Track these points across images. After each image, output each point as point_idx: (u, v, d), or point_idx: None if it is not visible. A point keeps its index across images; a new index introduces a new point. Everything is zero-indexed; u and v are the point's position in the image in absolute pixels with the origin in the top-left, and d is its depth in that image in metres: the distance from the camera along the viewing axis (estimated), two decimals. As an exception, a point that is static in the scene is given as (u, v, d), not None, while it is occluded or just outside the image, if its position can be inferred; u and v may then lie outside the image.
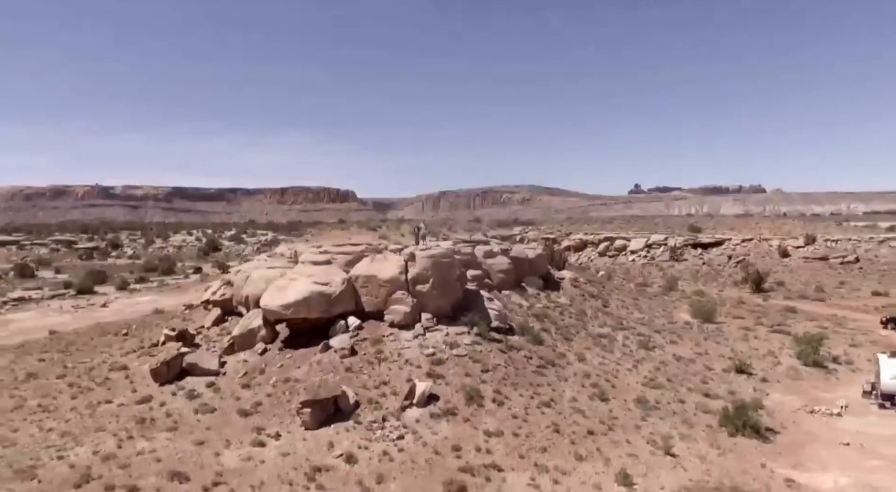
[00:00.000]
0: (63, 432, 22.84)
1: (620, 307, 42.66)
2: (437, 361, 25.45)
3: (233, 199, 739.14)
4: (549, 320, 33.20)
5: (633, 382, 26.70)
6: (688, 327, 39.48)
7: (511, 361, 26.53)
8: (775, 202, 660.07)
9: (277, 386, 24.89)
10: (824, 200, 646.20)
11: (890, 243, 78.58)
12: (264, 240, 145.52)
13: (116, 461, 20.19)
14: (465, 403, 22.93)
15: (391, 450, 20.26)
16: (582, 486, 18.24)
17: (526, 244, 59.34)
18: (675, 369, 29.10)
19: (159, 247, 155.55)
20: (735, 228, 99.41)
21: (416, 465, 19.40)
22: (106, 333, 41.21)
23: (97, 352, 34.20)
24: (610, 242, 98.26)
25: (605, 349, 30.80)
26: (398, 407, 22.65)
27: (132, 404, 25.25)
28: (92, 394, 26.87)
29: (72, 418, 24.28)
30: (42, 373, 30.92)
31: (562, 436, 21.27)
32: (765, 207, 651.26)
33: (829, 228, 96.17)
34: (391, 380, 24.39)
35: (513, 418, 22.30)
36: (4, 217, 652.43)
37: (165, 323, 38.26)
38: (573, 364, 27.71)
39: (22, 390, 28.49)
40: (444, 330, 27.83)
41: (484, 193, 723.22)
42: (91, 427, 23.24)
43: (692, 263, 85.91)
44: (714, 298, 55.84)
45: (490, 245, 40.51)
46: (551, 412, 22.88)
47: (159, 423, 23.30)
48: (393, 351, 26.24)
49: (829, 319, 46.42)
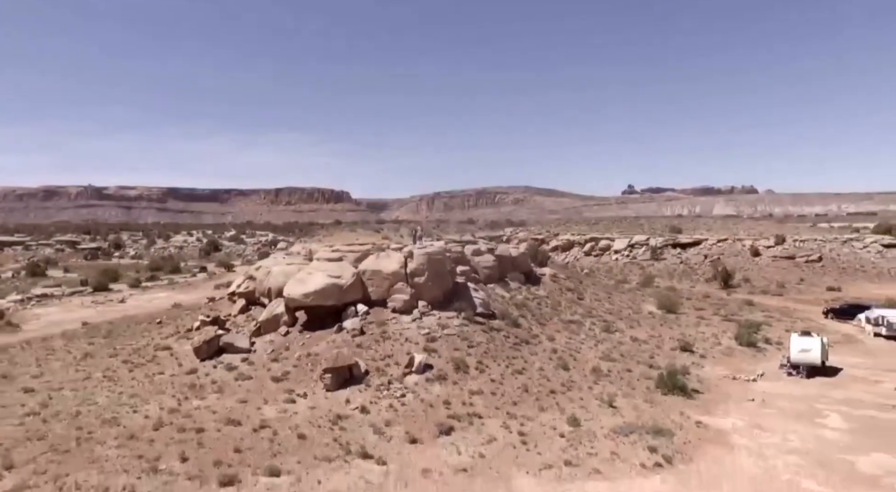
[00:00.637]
0: (131, 395, 28.63)
1: (593, 300, 48.66)
2: (431, 338, 31.38)
3: (227, 199, 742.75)
4: (526, 309, 39.21)
5: (592, 356, 32.72)
6: (650, 317, 45.53)
7: (492, 339, 32.51)
8: (766, 203, 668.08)
9: (301, 359, 30.74)
10: (814, 201, 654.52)
11: (852, 244, 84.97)
12: (264, 240, 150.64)
13: (180, 413, 26.00)
14: (454, 370, 28.87)
15: (395, 404, 26.15)
16: (541, 427, 24.17)
17: (510, 244, 65.24)
18: (629, 348, 35.15)
19: (161, 247, 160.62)
20: (713, 229, 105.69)
21: (414, 413, 25.31)
22: (138, 322, 46.89)
23: (138, 336, 39.96)
24: (595, 243, 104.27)
25: (572, 332, 36.82)
26: (400, 374, 28.55)
27: (181, 374, 31.05)
28: (145, 368, 32.65)
29: (134, 385, 30.07)
30: (96, 353, 36.66)
31: (529, 394, 27.25)
32: (756, 207, 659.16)
33: (800, 230, 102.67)
34: (394, 354, 30.29)
35: (491, 381, 28.26)
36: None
37: (193, 313, 44.00)
38: (543, 343, 33.72)
39: (84, 366, 34.23)
40: (437, 314, 33.76)
41: (478, 193, 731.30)
42: (152, 391, 29.04)
43: (671, 261, 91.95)
44: (682, 292, 61.93)
45: (477, 245, 46.49)
46: (522, 378, 28.85)
47: (207, 388, 29.10)
48: (395, 331, 32.15)
49: (780, 310, 52.58)
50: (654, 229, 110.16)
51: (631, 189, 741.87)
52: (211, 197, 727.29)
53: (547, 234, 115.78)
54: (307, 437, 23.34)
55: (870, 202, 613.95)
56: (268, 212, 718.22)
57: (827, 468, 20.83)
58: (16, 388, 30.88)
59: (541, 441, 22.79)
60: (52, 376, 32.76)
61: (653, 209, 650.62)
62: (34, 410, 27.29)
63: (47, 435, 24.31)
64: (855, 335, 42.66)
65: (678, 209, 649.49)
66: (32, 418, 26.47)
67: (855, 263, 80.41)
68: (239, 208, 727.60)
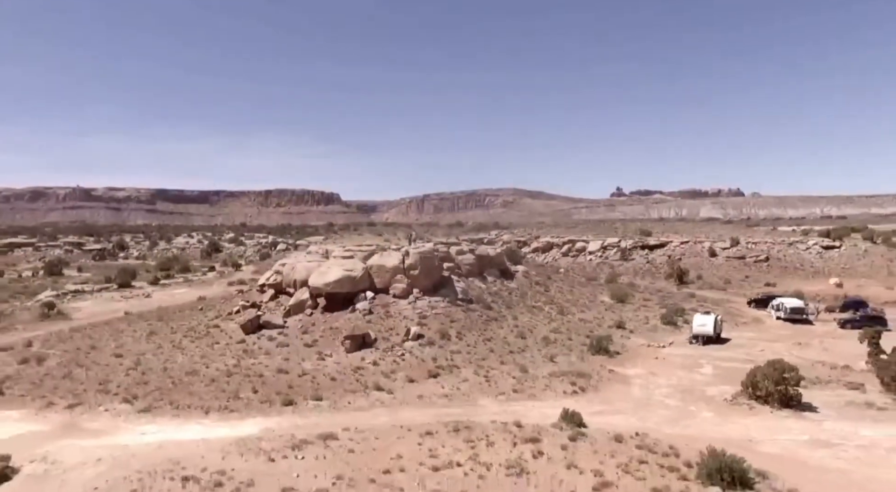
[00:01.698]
0: (201, 356, 39.07)
1: (557, 292, 59.55)
2: (422, 316, 42.11)
3: (216, 201, 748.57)
4: (499, 296, 50.06)
5: (545, 330, 43.60)
6: (601, 304, 56.52)
7: (469, 317, 43.31)
8: (751, 206, 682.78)
9: (325, 332, 41.34)
10: (798, 204, 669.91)
11: (797, 246, 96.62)
12: (263, 242, 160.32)
13: (241, 368, 36.50)
14: (440, 338, 39.59)
15: (398, 360, 36.82)
16: (500, 373, 34.89)
17: (493, 246, 76.03)
18: (576, 325, 46.08)
19: (163, 249, 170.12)
20: (679, 231, 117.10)
21: (411, 365, 36.00)
22: (180, 310, 57.09)
23: (188, 319, 50.26)
24: (572, 244, 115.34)
25: (533, 314, 47.71)
26: (400, 340, 39.23)
27: (234, 344, 41.50)
28: (203, 340, 43.06)
29: (200, 351, 40.47)
30: (159, 331, 46.97)
31: (494, 354, 38.03)
32: (741, 210, 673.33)
33: (755, 232, 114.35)
34: (395, 327, 40.98)
35: (467, 345, 39.03)
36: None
37: (227, 302, 54.34)
38: (508, 321, 44.57)
39: (153, 340, 44.53)
40: (428, 299, 44.48)
41: (467, 195, 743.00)
42: (215, 355, 39.48)
43: (638, 262, 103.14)
44: (640, 287, 72.95)
45: (461, 246, 57.34)
46: (490, 344, 39.67)
47: (256, 352, 39.60)
48: (395, 311, 42.87)
49: (714, 301, 63.76)
50: (626, 232, 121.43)
51: (619, 192, 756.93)
52: (200, 198, 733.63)
53: (529, 236, 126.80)
54: (336, 379, 34.00)
55: (851, 205, 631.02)
56: (258, 214, 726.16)
57: (687, 394, 31.72)
58: (107, 355, 41.21)
59: (499, 381, 33.56)
60: (131, 347, 43.09)
61: (640, 212, 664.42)
62: (131, 367, 37.69)
63: (149, 381, 34.74)
64: (762, 318, 53.90)
65: (665, 212, 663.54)
66: (132, 372, 36.87)
67: (796, 262, 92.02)
68: (229, 210, 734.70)
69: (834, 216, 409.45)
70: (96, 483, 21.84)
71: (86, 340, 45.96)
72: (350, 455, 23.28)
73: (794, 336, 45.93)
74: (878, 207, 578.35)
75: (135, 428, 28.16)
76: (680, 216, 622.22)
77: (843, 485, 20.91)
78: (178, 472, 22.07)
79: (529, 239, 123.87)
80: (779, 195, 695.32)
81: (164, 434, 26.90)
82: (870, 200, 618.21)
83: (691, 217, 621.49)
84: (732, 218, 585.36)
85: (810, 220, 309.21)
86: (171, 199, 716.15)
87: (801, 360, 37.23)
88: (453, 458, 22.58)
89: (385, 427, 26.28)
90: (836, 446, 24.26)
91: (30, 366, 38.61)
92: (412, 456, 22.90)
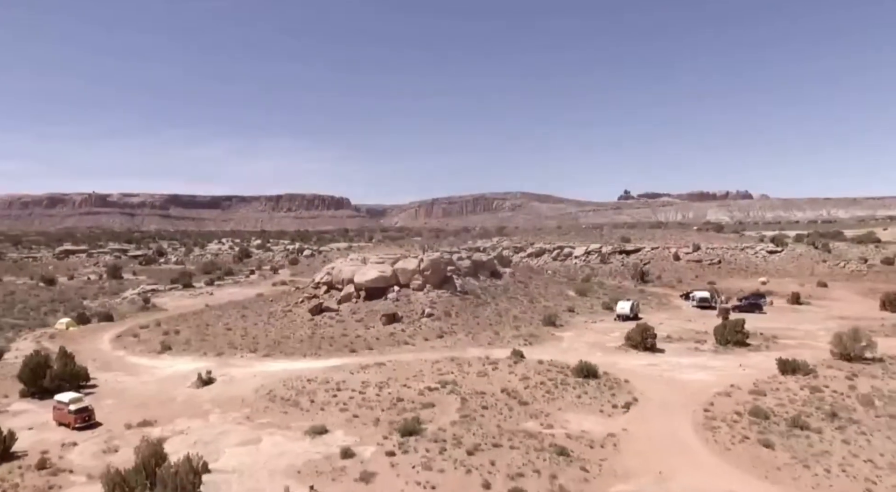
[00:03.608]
0: (287, 328, 60.77)
1: (534, 288, 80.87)
2: (433, 302, 63.68)
3: (228, 206, 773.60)
4: (487, 290, 71.56)
5: (516, 311, 65.07)
6: (566, 297, 77.69)
7: (464, 303, 64.87)
8: (758, 208, 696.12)
9: (367, 313, 63.00)
10: (805, 206, 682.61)
11: (746, 251, 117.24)
12: (290, 249, 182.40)
13: (316, 334, 58.26)
14: (444, 316, 61.16)
15: (416, 329, 58.52)
16: (482, 335, 56.39)
17: (484, 253, 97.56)
18: (540, 309, 67.43)
19: (199, 254, 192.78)
20: (654, 238, 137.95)
21: (425, 332, 57.64)
22: (249, 303, 78.76)
23: (265, 308, 71.93)
24: (560, 250, 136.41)
25: (510, 302, 69.17)
26: (417, 317, 60.84)
27: (306, 321, 63.22)
28: (283, 320, 64.78)
29: (284, 326, 62.17)
30: (248, 315, 68.69)
31: (479, 326, 59.58)
32: (748, 212, 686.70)
33: (716, 239, 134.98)
34: (414, 309, 62.61)
35: (462, 320, 60.67)
36: (2, 225, 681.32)
37: (288, 295, 76.07)
38: (492, 306, 66.09)
39: (246, 321, 66.21)
40: (436, 292, 66.00)
41: (475, 199, 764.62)
42: (296, 327, 61.22)
43: (615, 265, 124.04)
44: (607, 285, 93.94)
45: (460, 254, 78.86)
46: (477, 319, 61.28)
47: (323, 325, 61.32)
48: (414, 299, 64.47)
49: (657, 295, 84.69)
50: (609, 239, 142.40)
51: (627, 194, 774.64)
52: (212, 204, 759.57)
53: (525, 243, 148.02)
54: (379, 339, 55.68)
55: (857, 207, 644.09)
56: (269, 219, 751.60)
57: (594, 346, 52.92)
58: (220, 329, 63.05)
59: (480, 339, 55.05)
60: (233, 324, 64.79)
61: (646, 215, 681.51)
62: (242, 335, 59.47)
63: (259, 342, 56.47)
64: (682, 307, 74.85)
65: (671, 215, 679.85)
66: (244, 338, 58.61)
67: (743, 264, 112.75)
68: (240, 215, 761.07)
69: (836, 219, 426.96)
70: (261, 383, 43.36)
71: (197, 321, 67.86)
72: (393, 371, 44.72)
73: (692, 317, 66.96)
74: (885, 208, 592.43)
75: (263, 363, 49.80)
76: (686, 219, 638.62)
77: (647, 376, 42.02)
78: (303, 377, 43.60)
79: (525, 245, 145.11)
80: (786, 198, 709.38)
81: (283, 365, 48.49)
82: (876, 202, 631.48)
83: (697, 220, 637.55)
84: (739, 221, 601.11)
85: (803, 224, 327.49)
86: (183, 204, 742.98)
87: (680, 328, 58.46)
88: (450, 371, 43.98)
89: (411, 359, 47.83)
90: (659, 365, 45.44)
91: (171, 336, 60.50)
92: (427, 371, 44.30)
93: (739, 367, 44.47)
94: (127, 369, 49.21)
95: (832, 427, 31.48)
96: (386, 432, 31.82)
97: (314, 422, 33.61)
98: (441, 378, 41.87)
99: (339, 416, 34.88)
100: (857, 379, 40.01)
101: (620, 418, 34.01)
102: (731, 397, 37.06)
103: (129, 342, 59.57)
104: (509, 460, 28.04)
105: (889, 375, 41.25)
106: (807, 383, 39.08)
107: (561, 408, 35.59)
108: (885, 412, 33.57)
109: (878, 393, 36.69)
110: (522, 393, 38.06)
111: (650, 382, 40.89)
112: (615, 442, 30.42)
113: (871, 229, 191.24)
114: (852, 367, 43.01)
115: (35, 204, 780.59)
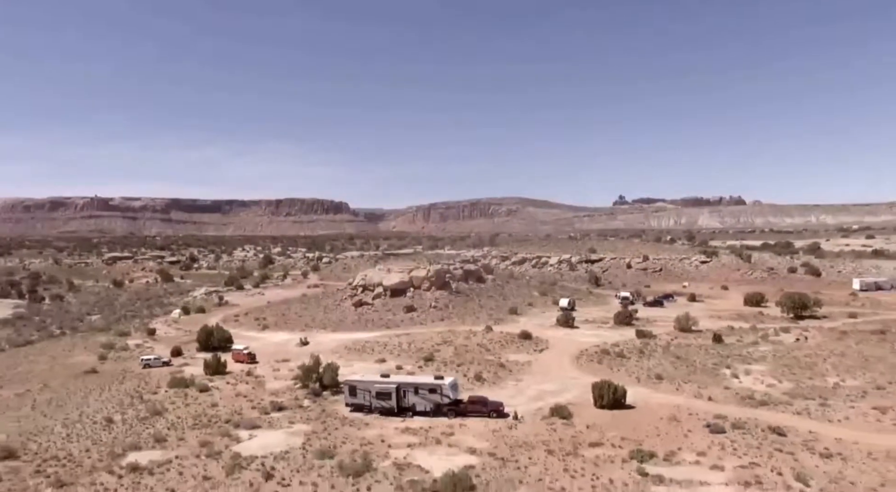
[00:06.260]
0: (340, 316, 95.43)
1: (508, 289, 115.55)
2: (436, 299, 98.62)
3: (228, 210, 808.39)
4: (474, 291, 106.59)
5: (492, 305, 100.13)
6: (530, 295, 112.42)
7: (458, 299, 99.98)
8: (749, 214, 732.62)
9: (393, 306, 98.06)
10: (794, 212, 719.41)
11: (684, 261, 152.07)
12: (310, 256, 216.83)
13: (361, 319, 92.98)
14: (444, 307, 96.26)
15: (427, 316, 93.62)
16: (469, 320, 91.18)
17: (474, 263, 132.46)
18: (509, 303, 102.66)
19: (227, 260, 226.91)
20: (615, 249, 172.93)
21: (432, 317, 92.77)
22: (300, 301, 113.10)
23: (318, 303, 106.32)
24: (538, 259, 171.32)
25: (489, 299, 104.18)
26: (427, 308, 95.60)
27: (352, 311, 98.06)
28: (335, 311, 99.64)
29: (336, 315, 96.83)
30: (309, 307, 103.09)
31: (468, 314, 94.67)
32: (738, 218, 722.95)
33: (662, 249, 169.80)
34: (425, 302, 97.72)
35: (456, 311, 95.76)
36: (4, 228, 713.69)
37: (334, 294, 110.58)
38: (477, 302, 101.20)
39: (308, 311, 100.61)
40: (439, 292, 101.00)
41: (472, 204, 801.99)
42: (346, 315, 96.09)
43: (580, 272, 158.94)
44: (567, 288, 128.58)
45: (456, 265, 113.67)
46: (466, 310, 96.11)
47: (364, 314, 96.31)
48: (424, 297, 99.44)
49: (601, 295, 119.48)
50: (580, 250, 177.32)
51: (622, 200, 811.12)
52: (213, 208, 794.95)
53: (510, 252, 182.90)
54: (403, 321, 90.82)
55: (845, 214, 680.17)
56: (269, 223, 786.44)
57: (539, 326, 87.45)
58: (293, 317, 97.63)
59: (467, 321, 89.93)
60: (302, 314, 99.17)
61: (639, 220, 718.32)
62: (312, 318, 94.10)
63: (326, 324, 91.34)
64: (612, 303, 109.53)
65: (664, 221, 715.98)
66: (315, 320, 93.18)
67: (679, 272, 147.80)
68: (240, 219, 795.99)
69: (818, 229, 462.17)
70: (337, 344, 77.89)
71: (273, 312, 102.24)
72: (413, 339, 79.33)
73: (613, 309, 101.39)
74: (872, 215, 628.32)
75: (334, 335, 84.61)
76: (678, 225, 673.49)
77: (560, 339, 76.51)
78: (361, 341, 78.29)
79: (510, 255, 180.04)
80: (777, 204, 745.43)
81: (346, 336, 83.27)
82: (864, 209, 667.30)
83: (689, 225, 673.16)
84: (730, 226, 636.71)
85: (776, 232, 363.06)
86: (184, 208, 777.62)
87: (599, 315, 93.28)
88: (447, 336, 78.47)
89: (424, 331, 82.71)
90: (571, 334, 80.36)
91: (262, 320, 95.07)
92: (434, 336, 78.87)
93: (619, 335, 78.96)
94: (246, 339, 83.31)
95: (637, 357, 65.87)
96: (415, 360, 66.16)
97: (378, 356, 68.06)
98: (443, 339, 76.46)
99: (388, 354, 69.34)
100: (675, 340, 74.40)
101: (536, 355, 68.55)
102: (599, 347, 71.44)
103: (233, 325, 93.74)
104: (477, 368, 62.36)
105: (695, 337, 75.71)
106: (646, 342, 73.38)
107: (507, 351, 70.02)
108: (671, 352, 67.88)
109: (676, 344, 71.16)
110: (488, 345, 72.74)
111: (560, 341, 75.51)
112: (529, 362, 64.83)
113: (815, 241, 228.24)
114: (679, 334, 77.46)
115: (37, 207, 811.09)
